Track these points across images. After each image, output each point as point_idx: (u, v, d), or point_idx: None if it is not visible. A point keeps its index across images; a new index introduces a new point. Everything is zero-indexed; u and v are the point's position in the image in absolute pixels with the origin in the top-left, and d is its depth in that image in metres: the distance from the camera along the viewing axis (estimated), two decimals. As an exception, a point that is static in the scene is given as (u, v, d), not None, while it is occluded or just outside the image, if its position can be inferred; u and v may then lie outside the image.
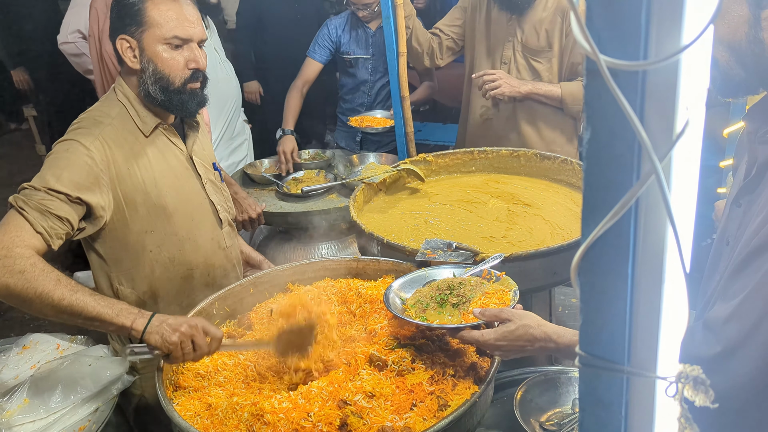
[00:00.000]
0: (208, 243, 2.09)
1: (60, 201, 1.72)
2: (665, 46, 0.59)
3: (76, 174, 1.76)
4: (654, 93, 0.60)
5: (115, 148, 1.86)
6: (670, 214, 0.61)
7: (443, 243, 1.98)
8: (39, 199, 1.69)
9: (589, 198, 0.65)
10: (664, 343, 0.69)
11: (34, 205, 1.68)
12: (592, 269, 0.68)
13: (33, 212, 1.67)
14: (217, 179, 2.16)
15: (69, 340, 2.14)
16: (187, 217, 2.02)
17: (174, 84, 1.89)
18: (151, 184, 1.93)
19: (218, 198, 2.13)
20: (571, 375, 2.03)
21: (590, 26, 0.59)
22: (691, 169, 0.64)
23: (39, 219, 1.67)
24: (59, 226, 1.71)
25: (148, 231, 1.95)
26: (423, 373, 1.56)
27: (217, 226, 2.13)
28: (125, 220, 1.91)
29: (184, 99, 1.92)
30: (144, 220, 1.93)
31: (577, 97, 2.98)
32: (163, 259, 2.00)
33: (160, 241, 1.98)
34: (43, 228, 1.67)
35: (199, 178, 2.07)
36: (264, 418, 1.47)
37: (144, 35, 1.86)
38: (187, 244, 2.03)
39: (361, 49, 3.92)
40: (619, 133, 0.61)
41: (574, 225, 2.27)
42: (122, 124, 1.92)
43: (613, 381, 0.70)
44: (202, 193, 2.07)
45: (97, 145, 1.82)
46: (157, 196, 1.94)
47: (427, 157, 2.76)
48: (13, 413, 1.72)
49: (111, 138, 1.86)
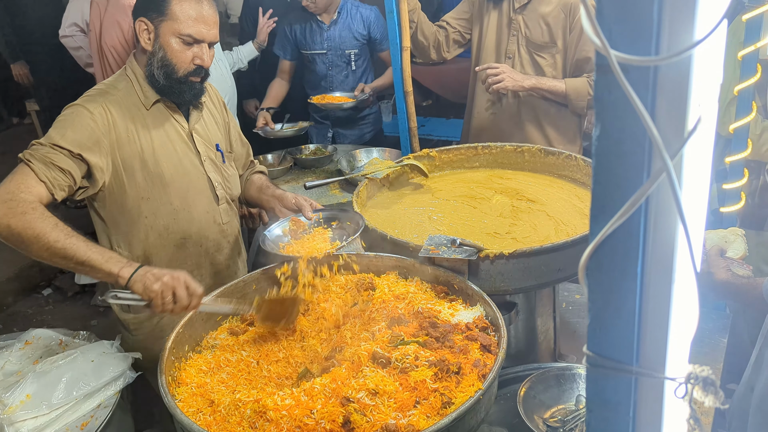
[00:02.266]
0: (203, 216, 2.19)
1: (63, 155, 1.86)
2: (677, 41, 0.58)
3: (78, 134, 1.91)
4: (666, 89, 0.59)
5: (117, 115, 2.00)
6: (681, 213, 0.60)
7: (447, 239, 1.96)
8: (44, 152, 1.84)
9: (598, 196, 0.64)
10: (674, 343, 0.68)
11: (40, 157, 1.83)
12: (601, 268, 0.67)
13: (38, 163, 1.82)
14: (218, 159, 2.24)
15: (71, 335, 2.13)
16: (182, 188, 2.13)
17: (177, 73, 2.03)
18: (149, 152, 2.05)
19: (216, 176, 2.22)
20: (575, 371, 2.02)
21: (601, 20, 0.58)
22: (703, 167, 0.62)
23: (43, 170, 1.82)
24: (62, 177, 1.85)
25: (144, 198, 2.07)
26: (426, 370, 1.55)
27: (214, 201, 2.22)
28: (123, 185, 2.03)
29: (183, 89, 2.06)
30: (141, 186, 2.05)
31: (582, 92, 2.95)
32: (158, 226, 2.12)
33: (155, 208, 2.09)
34: (46, 177, 1.82)
35: (198, 154, 2.17)
36: (267, 415, 1.46)
37: (162, 24, 1.99)
38: (182, 214, 2.14)
39: (317, 44, 3.94)
40: (629, 130, 0.60)
41: (579, 221, 2.26)
42: (127, 96, 2.06)
43: (621, 381, 0.69)
44: (200, 168, 2.17)
45: (100, 110, 1.97)
46: (155, 164, 2.06)
47: (430, 153, 2.75)
48: (16, 409, 1.71)
49: (114, 107, 2.01)
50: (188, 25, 1.98)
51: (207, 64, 2.04)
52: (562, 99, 3.00)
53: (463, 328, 1.72)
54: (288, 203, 2.24)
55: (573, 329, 2.68)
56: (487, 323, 1.75)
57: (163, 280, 1.71)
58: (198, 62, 2.03)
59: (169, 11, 1.97)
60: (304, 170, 3.57)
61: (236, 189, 2.34)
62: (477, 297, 1.81)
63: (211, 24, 2.02)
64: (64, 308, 4.38)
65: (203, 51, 2.03)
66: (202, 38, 2.01)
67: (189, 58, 2.02)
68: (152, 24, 2.00)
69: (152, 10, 2.00)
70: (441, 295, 1.89)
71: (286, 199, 2.25)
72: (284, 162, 3.58)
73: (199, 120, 2.21)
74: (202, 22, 2.00)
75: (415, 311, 1.78)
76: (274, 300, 1.83)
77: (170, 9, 1.97)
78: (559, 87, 2.96)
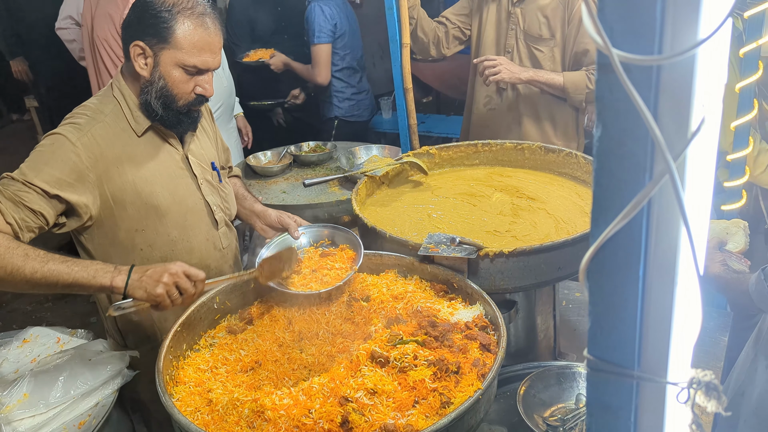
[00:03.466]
0: (203, 244, 2.06)
1: (36, 194, 1.70)
2: (681, 40, 0.56)
3: (57, 170, 1.74)
4: (668, 89, 0.58)
5: (105, 146, 1.83)
6: (684, 215, 0.58)
7: (447, 237, 1.95)
8: (15, 189, 1.69)
9: (599, 197, 0.63)
10: (676, 347, 0.66)
11: (9, 195, 1.68)
12: (602, 271, 0.65)
13: (6, 202, 1.67)
14: (215, 179, 2.11)
15: (69, 333, 2.13)
16: (180, 217, 1.98)
17: (177, 104, 1.87)
18: (142, 183, 1.89)
19: (214, 199, 2.08)
20: (575, 370, 2.01)
21: (602, 18, 0.56)
22: (707, 168, 0.61)
23: (11, 209, 1.67)
24: (32, 219, 1.70)
25: (138, 230, 1.92)
26: (425, 370, 1.54)
27: (213, 227, 2.09)
28: (114, 218, 1.88)
29: (182, 119, 1.91)
30: (133, 219, 1.90)
31: (580, 86, 2.93)
32: (154, 258, 1.97)
33: (151, 240, 1.95)
34: (13, 219, 1.67)
35: (194, 178, 2.03)
36: (265, 414, 1.46)
37: (163, 52, 1.80)
38: (180, 245, 2.00)
39: None
40: (631, 131, 0.59)
41: (579, 219, 2.25)
42: (115, 121, 1.88)
43: (622, 386, 0.68)
44: (197, 193, 2.03)
45: (85, 141, 1.79)
46: (149, 195, 1.90)
47: (430, 150, 2.73)
48: (13, 408, 1.71)
49: (101, 135, 1.83)
50: (193, 55, 1.79)
51: (210, 93, 1.88)
52: (560, 92, 2.98)
53: (463, 327, 1.71)
54: (271, 221, 2.13)
55: (573, 327, 2.67)
56: (487, 322, 1.74)
57: (163, 281, 1.63)
58: (200, 92, 1.86)
59: (173, 39, 1.77)
60: (303, 167, 3.55)
61: (234, 208, 2.21)
62: (476, 296, 1.80)
63: (216, 50, 1.84)
64: (64, 306, 4.37)
65: (207, 80, 1.86)
66: (207, 68, 1.83)
67: (191, 88, 1.85)
68: (151, 50, 1.80)
69: (151, 35, 1.78)
70: (440, 293, 1.88)
71: (269, 217, 2.14)
72: (283, 159, 3.57)
73: (193, 140, 2.05)
74: (208, 51, 1.81)
75: (414, 310, 1.77)
76: (272, 257, 1.92)
77: (175, 36, 1.77)
78: (557, 80, 2.94)
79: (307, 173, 3.47)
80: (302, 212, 3.00)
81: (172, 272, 1.65)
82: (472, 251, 1.89)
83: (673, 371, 0.67)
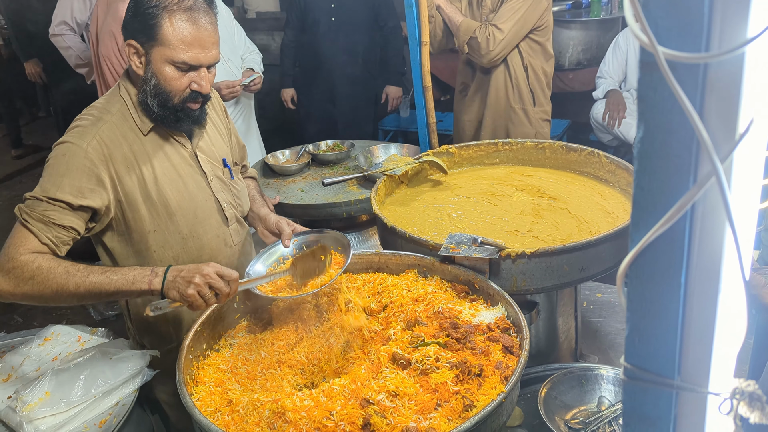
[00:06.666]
0: (213, 241, 2.04)
1: (62, 210, 1.73)
2: (729, 37, 0.54)
3: (76, 179, 1.75)
4: (716, 88, 0.55)
5: (113, 147, 1.83)
6: (731, 220, 0.56)
7: (468, 237, 1.93)
8: (41, 210, 1.71)
9: (640, 200, 0.60)
10: (718, 356, 0.64)
11: (37, 217, 1.70)
12: (642, 276, 0.63)
13: (37, 224, 1.70)
14: (226, 176, 2.09)
15: (90, 332, 2.13)
16: (190, 214, 1.97)
17: (172, 101, 1.84)
18: (151, 181, 1.89)
19: (225, 195, 2.07)
20: (597, 372, 1.99)
21: (647, 15, 0.54)
22: (755, 171, 0.59)
23: (44, 230, 1.70)
24: (64, 234, 1.73)
25: (150, 231, 1.92)
26: (448, 372, 1.52)
27: (223, 224, 2.07)
28: (128, 220, 1.89)
29: (180, 117, 1.87)
30: (146, 219, 1.90)
31: (469, 30, 3.24)
32: (167, 259, 1.97)
33: (163, 240, 1.95)
34: (48, 239, 1.70)
35: (204, 175, 2.01)
36: (285, 416, 1.44)
37: (153, 49, 1.79)
38: (191, 242, 1.99)
39: None
40: (676, 131, 0.56)
41: (602, 219, 2.21)
42: (122, 120, 1.87)
43: (660, 396, 0.66)
44: (207, 190, 2.02)
45: (94, 144, 1.79)
46: (158, 194, 1.90)
47: (450, 149, 2.71)
48: (35, 406, 1.71)
49: (109, 137, 1.83)
50: (182, 51, 1.76)
51: (206, 90, 1.84)
52: (455, 30, 3.33)
53: (485, 328, 1.69)
54: (270, 225, 2.11)
55: (595, 329, 2.63)
56: (509, 324, 1.71)
57: (195, 282, 1.63)
58: (195, 88, 1.83)
59: (161, 36, 1.75)
60: (321, 166, 3.54)
61: (246, 204, 2.19)
62: (498, 297, 1.77)
63: (208, 45, 1.80)
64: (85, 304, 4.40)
65: (201, 76, 1.82)
66: (198, 63, 1.80)
67: (185, 84, 1.82)
68: (142, 48, 1.79)
69: (141, 33, 1.78)
70: (461, 294, 1.86)
71: (269, 222, 2.13)
72: (301, 158, 3.56)
73: (202, 137, 2.03)
74: (198, 46, 1.78)
75: (435, 311, 1.75)
76: (305, 254, 1.85)
77: (161, 33, 1.75)
78: (457, 18, 3.30)
79: (325, 172, 3.46)
80: (321, 211, 3.00)
81: (204, 273, 1.64)
82: (493, 252, 1.86)
83: (714, 381, 0.64)
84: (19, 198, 1.79)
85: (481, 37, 3.19)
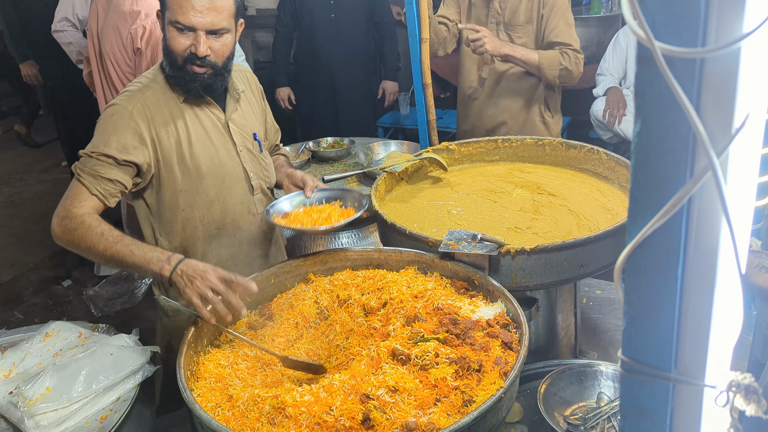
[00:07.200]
0: (238, 207, 2.19)
1: (109, 165, 1.94)
2: (725, 32, 0.54)
3: (122, 137, 1.96)
4: (712, 83, 0.56)
5: (154, 110, 2.03)
6: (726, 213, 0.56)
7: (467, 234, 1.94)
8: (92, 165, 1.93)
9: (637, 195, 0.61)
10: (714, 349, 0.64)
11: (88, 171, 1.93)
12: (639, 270, 0.64)
13: (88, 177, 1.93)
14: (255, 149, 2.24)
15: (91, 328, 2.14)
16: (218, 179, 2.13)
17: (177, 62, 2.00)
18: (186, 144, 2.07)
19: (252, 166, 2.22)
20: (596, 368, 1.99)
21: (645, 10, 0.54)
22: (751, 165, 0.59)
23: (93, 183, 1.92)
24: (111, 187, 1.95)
25: (181, 190, 2.09)
26: (447, 368, 1.52)
27: (248, 192, 2.22)
28: (162, 179, 2.07)
29: (186, 78, 2.01)
30: (178, 179, 2.08)
31: (554, 63, 3.05)
32: (193, 219, 2.13)
33: (192, 200, 2.11)
34: (97, 191, 1.92)
35: (234, 144, 2.17)
36: (286, 411, 1.45)
37: (165, 15, 1.99)
38: (216, 205, 2.14)
39: None
40: (672, 126, 0.57)
41: (602, 216, 2.22)
42: (164, 89, 2.07)
43: (657, 388, 0.66)
44: (236, 159, 2.17)
45: (138, 107, 2.00)
46: (191, 156, 2.07)
47: (450, 146, 2.71)
48: (36, 401, 1.72)
49: (152, 101, 2.03)
50: (177, 12, 1.94)
51: (200, 52, 1.96)
52: (535, 70, 3.10)
53: (484, 324, 1.69)
54: (295, 179, 2.28)
55: (594, 325, 2.64)
56: (509, 320, 1.72)
57: (195, 286, 1.73)
58: (192, 50, 1.97)
59: (167, 2, 1.97)
60: (321, 163, 3.55)
61: (273, 178, 2.33)
62: (498, 293, 1.78)
63: (203, 10, 1.94)
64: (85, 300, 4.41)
65: (198, 39, 1.96)
66: (191, 24, 1.94)
67: (184, 46, 1.97)
68: (161, 18, 2.03)
69: (162, 4, 2.01)
70: (461, 290, 1.86)
71: (295, 176, 2.30)
72: (302, 155, 3.57)
73: (236, 110, 2.20)
74: (189, 8, 1.93)
75: (435, 307, 1.76)
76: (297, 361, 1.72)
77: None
78: (532, 57, 3.07)
79: (325, 169, 3.46)
80: (321, 208, 3.00)
81: (205, 277, 1.74)
82: (493, 248, 1.87)
83: (711, 374, 0.65)
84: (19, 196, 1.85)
85: (571, 66, 3.05)
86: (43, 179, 6.38)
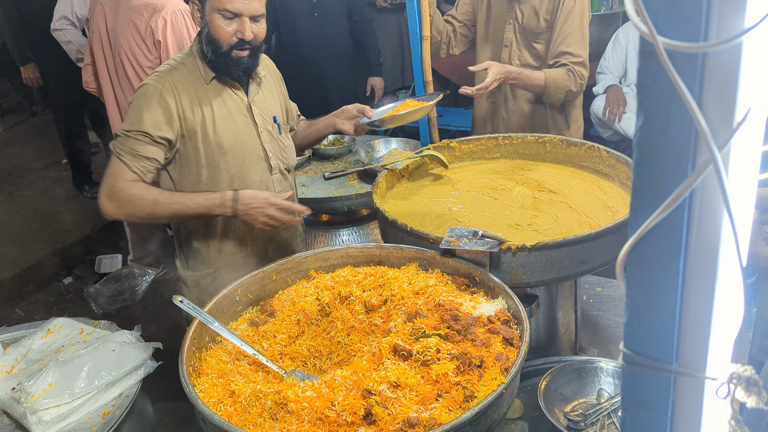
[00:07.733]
0: (257, 184, 2.30)
1: (145, 143, 2.09)
2: (727, 27, 0.55)
3: (154, 113, 2.10)
4: (714, 77, 0.56)
5: (181, 89, 2.15)
6: (728, 207, 0.57)
7: (468, 231, 1.94)
8: (130, 144, 2.08)
9: (639, 188, 0.62)
10: (716, 341, 0.65)
11: (128, 150, 2.08)
12: (641, 263, 0.64)
13: (127, 156, 2.08)
14: (275, 130, 2.35)
15: (92, 324, 2.14)
16: (239, 157, 2.25)
17: (222, 48, 2.12)
18: (210, 123, 2.18)
19: (272, 147, 2.33)
20: (596, 365, 2.00)
21: (647, 5, 0.55)
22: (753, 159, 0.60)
23: (132, 161, 2.08)
24: (148, 164, 2.11)
25: (204, 165, 2.21)
26: (448, 363, 1.53)
27: (267, 171, 2.34)
28: (188, 154, 2.19)
29: (229, 63, 2.14)
30: (202, 155, 2.19)
31: (560, 85, 2.90)
32: None
33: (214, 176, 2.23)
34: (137, 168, 2.08)
35: (255, 125, 2.28)
36: (288, 406, 1.46)
37: (206, 2, 2.09)
38: (236, 182, 2.26)
39: None
40: (674, 120, 0.57)
41: (602, 213, 2.23)
42: (190, 71, 2.19)
43: (659, 381, 0.67)
44: (256, 139, 2.29)
45: (167, 86, 2.13)
46: (215, 134, 2.19)
47: (450, 143, 2.72)
48: (39, 397, 1.72)
49: (179, 81, 2.16)
50: (223, 1, 2.05)
51: (247, 37, 2.10)
52: (540, 91, 2.95)
53: (485, 320, 1.70)
54: (349, 112, 2.45)
55: (594, 322, 2.65)
56: (509, 316, 1.73)
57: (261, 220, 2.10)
58: (239, 36, 2.10)
59: None
60: (321, 161, 3.56)
61: (292, 159, 2.43)
62: (499, 289, 1.79)
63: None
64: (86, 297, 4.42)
65: (244, 25, 2.08)
66: (239, 12, 2.07)
67: (231, 32, 2.09)
68: (199, 3, 2.11)
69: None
70: (462, 287, 1.87)
71: (347, 110, 2.46)
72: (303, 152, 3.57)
73: (258, 93, 2.31)
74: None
75: (436, 304, 1.76)
76: None
77: None
78: (538, 80, 2.90)
79: (325, 166, 3.47)
80: (322, 205, 3.01)
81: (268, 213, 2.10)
82: (494, 245, 1.87)
83: (712, 366, 0.65)
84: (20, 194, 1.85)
85: (576, 87, 2.92)
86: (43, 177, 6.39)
